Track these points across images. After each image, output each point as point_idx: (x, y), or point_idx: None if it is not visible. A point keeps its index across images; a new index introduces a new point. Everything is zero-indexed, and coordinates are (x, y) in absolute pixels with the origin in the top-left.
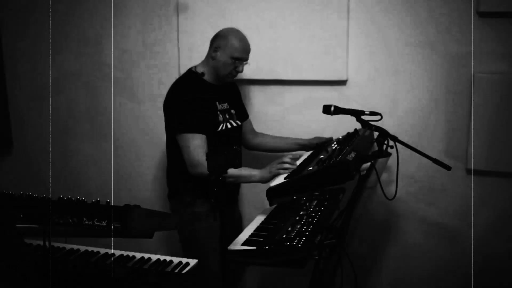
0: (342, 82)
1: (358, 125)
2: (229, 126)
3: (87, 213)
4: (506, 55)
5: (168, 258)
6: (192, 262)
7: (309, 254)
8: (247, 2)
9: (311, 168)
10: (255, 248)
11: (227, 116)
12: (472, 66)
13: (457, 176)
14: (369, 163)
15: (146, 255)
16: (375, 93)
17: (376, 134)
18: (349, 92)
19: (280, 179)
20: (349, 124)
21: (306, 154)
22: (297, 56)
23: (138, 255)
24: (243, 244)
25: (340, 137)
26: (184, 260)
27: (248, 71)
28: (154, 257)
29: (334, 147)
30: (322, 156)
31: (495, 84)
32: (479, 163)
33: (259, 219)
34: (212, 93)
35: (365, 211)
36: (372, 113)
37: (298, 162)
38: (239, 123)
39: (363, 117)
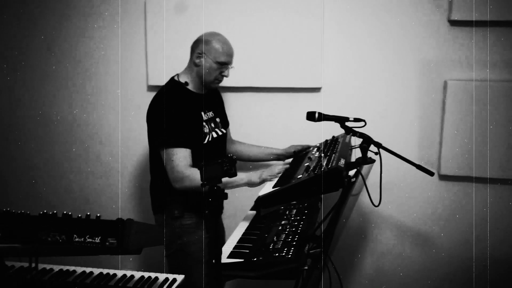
0: (316, 89)
1: (330, 133)
2: (214, 135)
3: (77, 229)
4: (477, 63)
5: (152, 274)
6: (179, 278)
7: (301, 264)
8: (220, 9)
9: (301, 176)
10: (243, 260)
11: (213, 125)
12: (444, 73)
13: (430, 182)
14: (354, 170)
15: (128, 273)
16: (349, 100)
17: (354, 140)
18: (323, 99)
19: (268, 188)
20: (323, 131)
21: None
22: (271, 63)
23: (119, 272)
24: (228, 257)
25: (319, 144)
26: (171, 276)
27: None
28: (137, 274)
29: (317, 155)
30: (307, 164)
31: (466, 91)
32: (451, 169)
33: (240, 230)
34: (197, 104)
35: (347, 218)
36: (356, 120)
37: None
38: (224, 131)
39: (347, 123)
